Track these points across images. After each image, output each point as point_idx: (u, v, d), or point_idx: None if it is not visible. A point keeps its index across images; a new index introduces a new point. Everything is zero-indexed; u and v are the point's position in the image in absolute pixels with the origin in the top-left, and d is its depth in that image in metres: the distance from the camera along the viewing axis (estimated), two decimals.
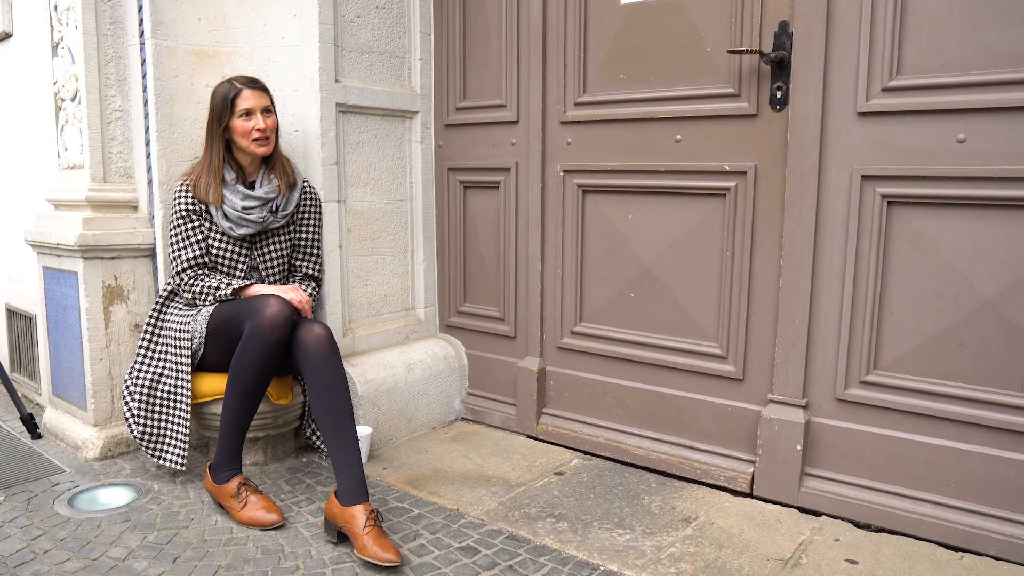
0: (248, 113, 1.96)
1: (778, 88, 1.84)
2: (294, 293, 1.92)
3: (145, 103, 2.15)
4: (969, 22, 1.57)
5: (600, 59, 2.15)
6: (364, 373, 2.27)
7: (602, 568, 1.57)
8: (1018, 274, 1.56)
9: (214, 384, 1.97)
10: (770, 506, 1.85)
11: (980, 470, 1.62)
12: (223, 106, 1.96)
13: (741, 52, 1.83)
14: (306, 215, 2.15)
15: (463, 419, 2.57)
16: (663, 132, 2.04)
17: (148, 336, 2.03)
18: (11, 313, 2.88)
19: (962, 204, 1.62)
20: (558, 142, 2.26)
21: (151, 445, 1.96)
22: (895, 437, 1.72)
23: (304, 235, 2.16)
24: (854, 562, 1.58)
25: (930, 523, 1.66)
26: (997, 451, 1.61)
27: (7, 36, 2.74)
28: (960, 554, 1.60)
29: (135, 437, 1.95)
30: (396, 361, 2.39)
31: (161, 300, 2.05)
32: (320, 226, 2.20)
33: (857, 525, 1.74)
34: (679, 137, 2.01)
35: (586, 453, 2.22)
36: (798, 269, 1.82)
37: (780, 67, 1.82)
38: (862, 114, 1.71)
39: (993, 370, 1.61)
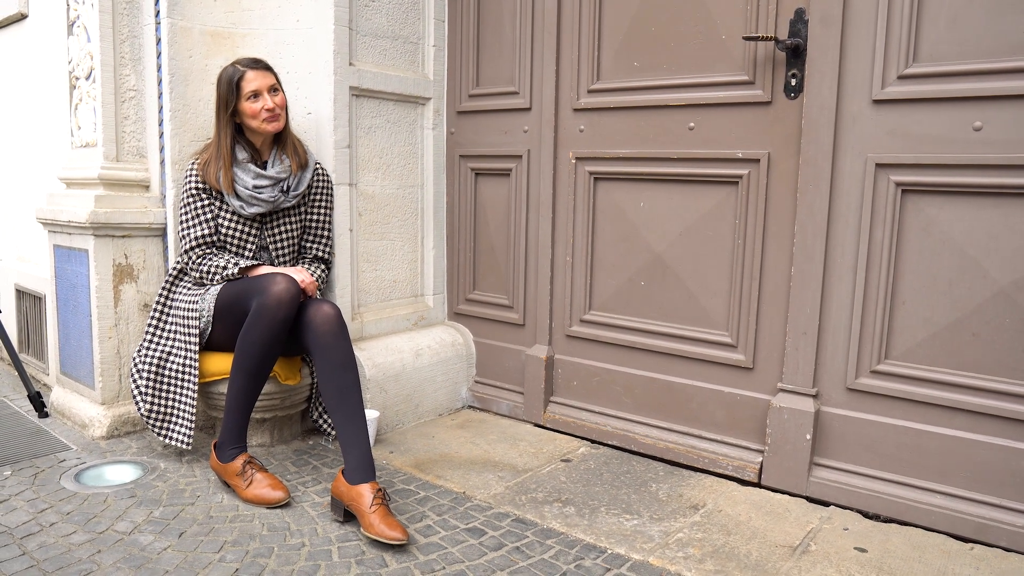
0: (255, 94, 1.95)
1: (793, 75, 1.83)
2: (300, 274, 1.92)
3: (159, 82, 2.15)
4: (987, 9, 1.56)
5: (614, 46, 2.15)
6: (372, 357, 2.26)
7: (609, 551, 1.56)
8: None
9: (221, 363, 1.97)
10: (778, 495, 1.84)
11: (992, 461, 1.61)
12: (229, 91, 1.95)
13: (756, 39, 1.83)
14: (317, 196, 2.15)
15: (470, 407, 2.56)
16: (676, 119, 2.04)
17: (157, 314, 2.03)
18: (20, 293, 2.88)
19: (977, 192, 1.61)
20: (570, 129, 2.26)
21: (158, 423, 1.96)
22: (906, 427, 1.71)
23: (315, 216, 2.16)
24: (863, 550, 1.56)
25: (940, 514, 1.65)
26: (1010, 442, 1.59)
27: (22, 17, 2.75)
28: (970, 545, 1.59)
29: (142, 415, 1.95)
30: (404, 346, 2.38)
31: (171, 279, 2.05)
32: (331, 208, 2.20)
33: (866, 515, 1.73)
34: (692, 124, 2.01)
35: (593, 441, 2.21)
36: (810, 257, 1.81)
37: (795, 54, 1.82)
38: (877, 101, 1.70)
39: (1006, 360, 1.60)
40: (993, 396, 1.62)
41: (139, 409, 1.95)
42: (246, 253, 2.05)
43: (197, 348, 1.94)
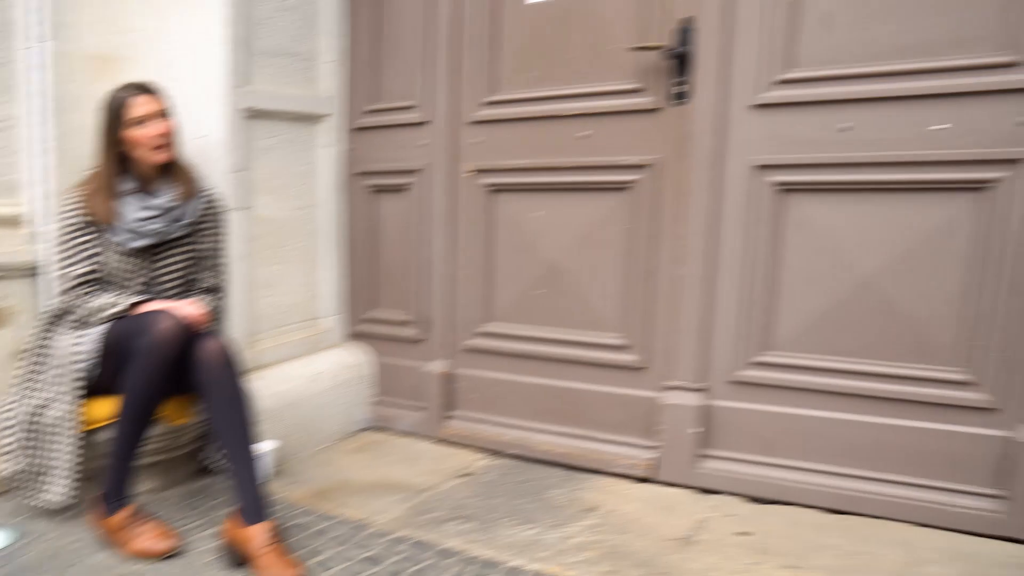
0: (142, 121, 1.85)
1: (681, 83, 1.88)
2: (189, 307, 1.84)
3: (37, 111, 2.02)
4: (855, 16, 1.67)
5: (509, 59, 2.16)
6: (269, 386, 2.20)
7: (508, 564, 1.57)
8: (894, 252, 1.68)
9: (110, 408, 1.85)
10: (671, 489, 1.90)
11: (862, 436, 1.73)
12: (113, 117, 1.85)
13: (645, 48, 1.87)
14: (209, 224, 2.05)
15: (371, 428, 2.51)
16: (571, 129, 2.06)
17: (34, 361, 1.90)
18: None
19: (847, 189, 1.72)
20: (468, 142, 2.25)
21: (31, 482, 1.83)
22: (785, 413, 1.81)
23: (207, 245, 2.06)
24: (747, 534, 1.64)
25: (816, 491, 1.75)
26: (876, 418, 1.72)
27: None
28: (843, 516, 1.70)
29: (13, 476, 1.82)
30: (301, 372, 2.33)
31: (48, 321, 1.93)
32: (224, 235, 2.10)
33: (752, 499, 1.81)
34: (587, 133, 2.04)
35: (494, 452, 2.22)
36: (698, 257, 1.88)
37: (683, 62, 1.86)
38: (757, 106, 1.79)
39: (872, 343, 1.72)
40: (861, 377, 1.73)
41: (9, 469, 1.81)
42: (133, 288, 1.94)
43: (81, 394, 1.83)
